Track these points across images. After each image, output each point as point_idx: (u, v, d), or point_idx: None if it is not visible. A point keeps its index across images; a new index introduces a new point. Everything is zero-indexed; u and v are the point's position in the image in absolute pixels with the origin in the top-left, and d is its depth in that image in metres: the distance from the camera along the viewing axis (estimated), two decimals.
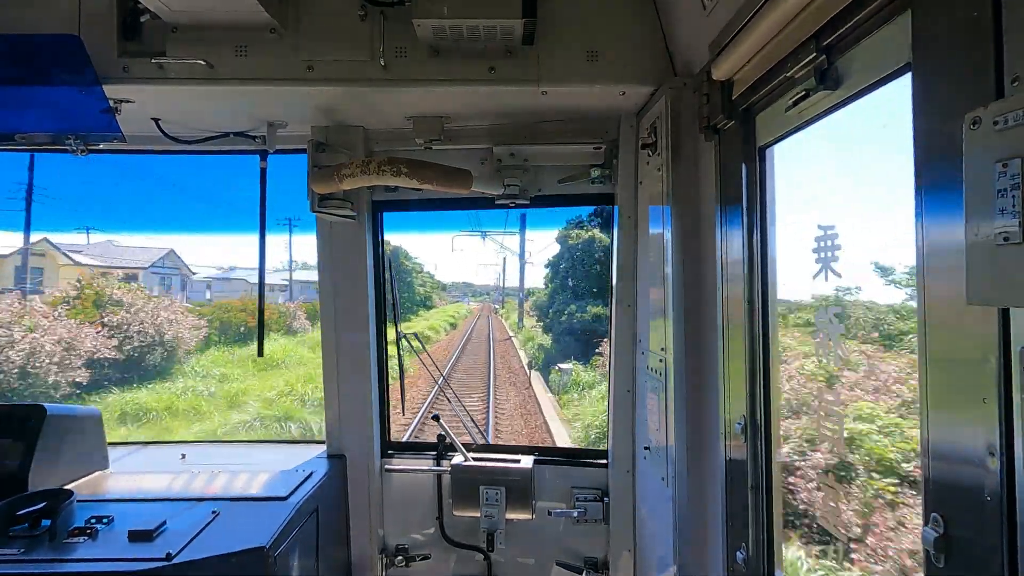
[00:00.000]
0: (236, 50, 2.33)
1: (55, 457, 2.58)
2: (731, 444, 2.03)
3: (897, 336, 4.69)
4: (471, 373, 18.77)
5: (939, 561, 1.09)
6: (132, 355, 16.86)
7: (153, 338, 17.56)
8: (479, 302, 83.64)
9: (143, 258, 32.75)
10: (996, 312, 0.97)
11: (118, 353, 16.30)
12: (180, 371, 17.73)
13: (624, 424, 2.94)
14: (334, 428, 3.09)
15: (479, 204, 3.06)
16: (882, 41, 1.30)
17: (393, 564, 3.15)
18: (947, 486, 1.08)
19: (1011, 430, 0.95)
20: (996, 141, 0.89)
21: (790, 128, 1.69)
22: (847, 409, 4.16)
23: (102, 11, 2.30)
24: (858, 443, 3.95)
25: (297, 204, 30.22)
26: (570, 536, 3.10)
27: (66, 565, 1.95)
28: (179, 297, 28.54)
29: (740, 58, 1.79)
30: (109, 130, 2.54)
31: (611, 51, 2.39)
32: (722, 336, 2.05)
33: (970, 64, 1.02)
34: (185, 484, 2.69)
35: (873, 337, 4.69)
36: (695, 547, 2.28)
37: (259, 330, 3.25)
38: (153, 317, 17.86)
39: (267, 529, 2.17)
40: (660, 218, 2.38)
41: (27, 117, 2.53)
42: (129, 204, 47.73)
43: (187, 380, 16.77)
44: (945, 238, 1.07)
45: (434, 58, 2.36)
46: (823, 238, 1.63)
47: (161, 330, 17.86)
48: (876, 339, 4.81)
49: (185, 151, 2.98)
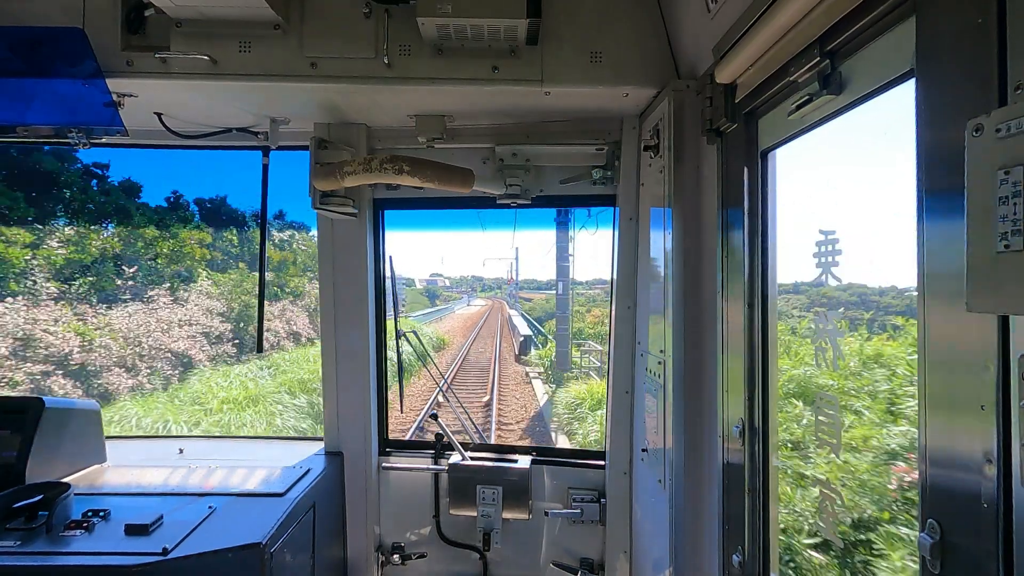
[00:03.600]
0: (240, 46, 2.33)
1: (53, 450, 2.58)
2: (729, 447, 2.03)
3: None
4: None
5: (935, 567, 1.09)
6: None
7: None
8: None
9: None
10: (996, 320, 0.97)
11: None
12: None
13: (622, 425, 2.94)
14: (332, 425, 3.09)
15: (481, 203, 3.06)
16: (886, 46, 1.30)
17: (389, 562, 3.15)
18: (944, 492, 1.08)
19: (1009, 438, 0.95)
20: (998, 149, 0.89)
21: (793, 132, 1.69)
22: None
23: (106, 4, 2.30)
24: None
25: (298, 201, 30.27)
26: (566, 537, 3.11)
27: (62, 558, 1.95)
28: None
29: (744, 62, 1.79)
30: (112, 124, 2.54)
31: (615, 52, 2.39)
32: (721, 339, 2.06)
33: (974, 71, 1.02)
34: (182, 479, 2.69)
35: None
36: (691, 549, 2.28)
37: (258, 327, 3.25)
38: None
39: (264, 525, 2.17)
40: (661, 220, 2.38)
41: (29, 110, 2.53)
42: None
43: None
44: (946, 244, 1.07)
45: (438, 57, 2.36)
46: (824, 242, 1.63)
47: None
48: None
49: (187, 146, 2.98)
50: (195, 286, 18.67)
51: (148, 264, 18.15)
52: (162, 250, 18.69)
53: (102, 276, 16.69)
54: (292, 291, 22.79)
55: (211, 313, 18.39)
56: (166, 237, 19.08)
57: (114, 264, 17.21)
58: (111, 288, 16.84)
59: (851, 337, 4.91)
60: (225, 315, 18.74)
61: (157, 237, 18.85)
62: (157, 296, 17.51)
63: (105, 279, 16.74)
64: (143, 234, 18.62)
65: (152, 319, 16.80)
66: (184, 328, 17.40)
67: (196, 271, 19.11)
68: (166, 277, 18.31)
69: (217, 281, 19.30)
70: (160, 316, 17.06)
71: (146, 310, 16.97)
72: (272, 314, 20.64)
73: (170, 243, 18.97)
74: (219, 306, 18.71)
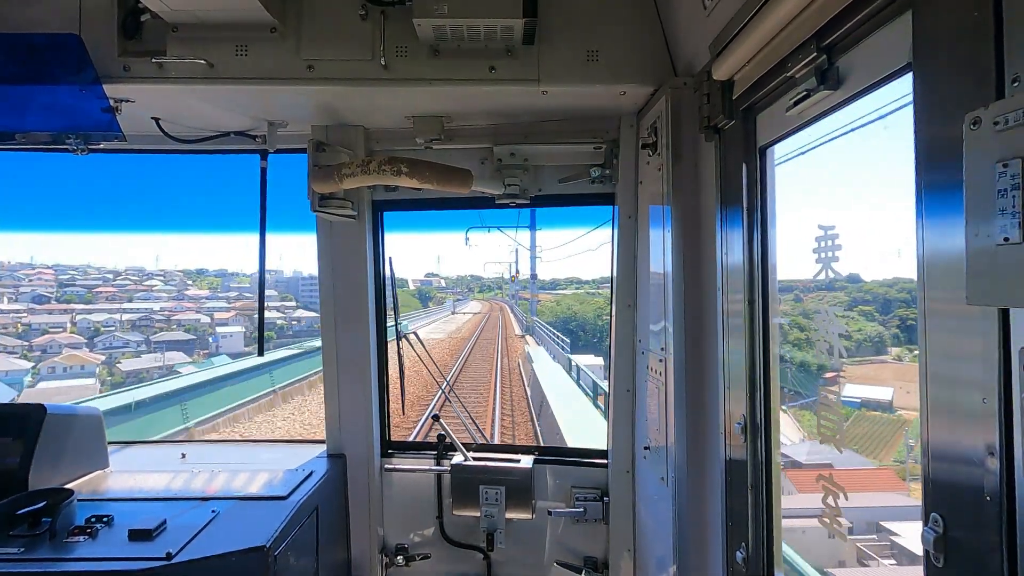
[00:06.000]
0: (236, 49, 2.33)
1: (55, 456, 2.58)
2: (731, 444, 2.03)
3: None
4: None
5: (938, 561, 1.09)
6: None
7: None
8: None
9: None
10: (996, 312, 0.97)
11: None
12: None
13: (624, 424, 2.94)
14: (334, 427, 3.09)
15: (479, 204, 3.06)
16: (883, 41, 1.30)
17: (393, 563, 3.15)
18: (947, 486, 1.08)
19: (1011, 430, 0.95)
20: (996, 141, 0.89)
21: (791, 128, 1.69)
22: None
23: (102, 10, 2.30)
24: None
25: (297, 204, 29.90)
26: (570, 536, 3.10)
27: (66, 564, 1.95)
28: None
29: (741, 58, 1.79)
30: (109, 129, 2.54)
31: (611, 51, 2.39)
32: (722, 336, 2.06)
33: (971, 64, 1.02)
34: (185, 483, 2.69)
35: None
36: (695, 547, 2.28)
37: (259, 329, 3.25)
38: None
39: (267, 528, 2.17)
40: (660, 218, 2.38)
41: (27, 116, 2.53)
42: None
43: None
44: (945, 238, 1.07)
45: (434, 58, 2.36)
46: (823, 238, 1.63)
47: None
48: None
49: (185, 150, 2.98)
50: None
51: None
52: None
53: None
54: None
55: None
56: None
57: None
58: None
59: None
60: None
61: None
62: None
63: None
64: None
65: None
66: None
67: None
68: None
69: None
70: None
71: None
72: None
73: None
74: None
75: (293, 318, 58.11)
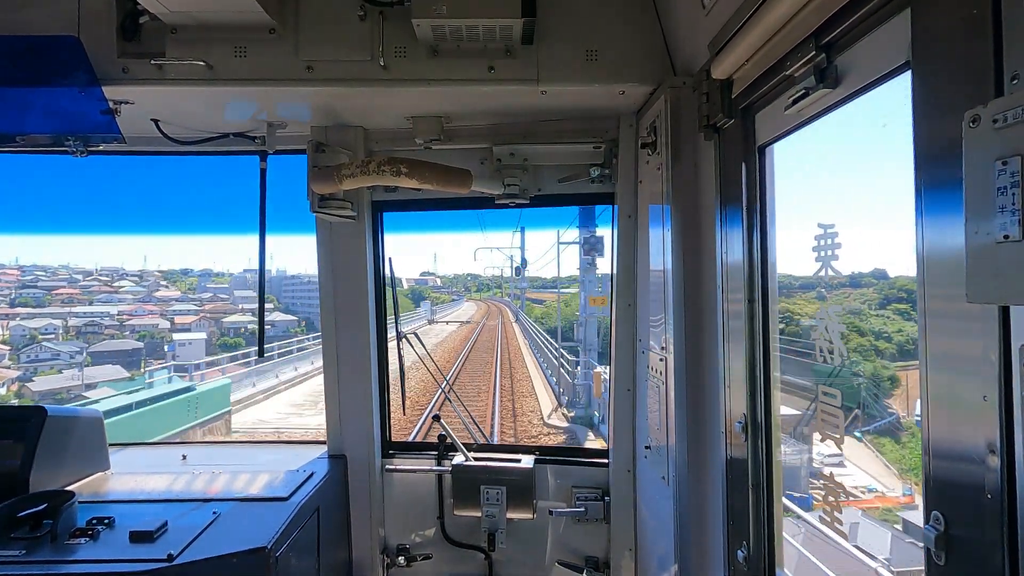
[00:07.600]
0: (235, 51, 2.33)
1: (56, 458, 2.58)
2: (731, 443, 2.03)
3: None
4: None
5: (940, 559, 1.09)
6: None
7: None
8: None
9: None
10: (996, 310, 0.97)
11: None
12: None
13: (625, 423, 2.94)
14: (335, 428, 3.09)
15: (479, 204, 3.06)
16: (881, 39, 1.30)
17: (394, 564, 3.15)
18: (948, 484, 1.08)
19: (1011, 428, 0.95)
20: (996, 139, 0.89)
21: (790, 127, 1.69)
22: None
23: (101, 12, 2.30)
24: None
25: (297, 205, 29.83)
26: (571, 535, 3.10)
27: (67, 566, 1.95)
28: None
29: (739, 57, 1.79)
30: (109, 131, 2.55)
31: (610, 50, 2.39)
32: (722, 334, 2.06)
33: (970, 62, 1.02)
34: (186, 485, 2.69)
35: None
36: (696, 546, 2.28)
37: (259, 330, 3.25)
38: None
39: (268, 529, 2.17)
40: (660, 217, 2.38)
41: (27, 119, 2.53)
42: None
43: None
44: (945, 236, 1.07)
45: (433, 58, 2.36)
46: (823, 236, 1.63)
47: None
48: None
49: (185, 152, 2.98)
50: None
51: None
52: None
53: None
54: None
55: None
56: None
57: None
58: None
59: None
60: None
61: None
62: None
63: None
64: None
65: None
66: None
67: None
68: None
69: None
70: None
71: None
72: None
73: None
74: None
75: (267, 322, 56.83)
